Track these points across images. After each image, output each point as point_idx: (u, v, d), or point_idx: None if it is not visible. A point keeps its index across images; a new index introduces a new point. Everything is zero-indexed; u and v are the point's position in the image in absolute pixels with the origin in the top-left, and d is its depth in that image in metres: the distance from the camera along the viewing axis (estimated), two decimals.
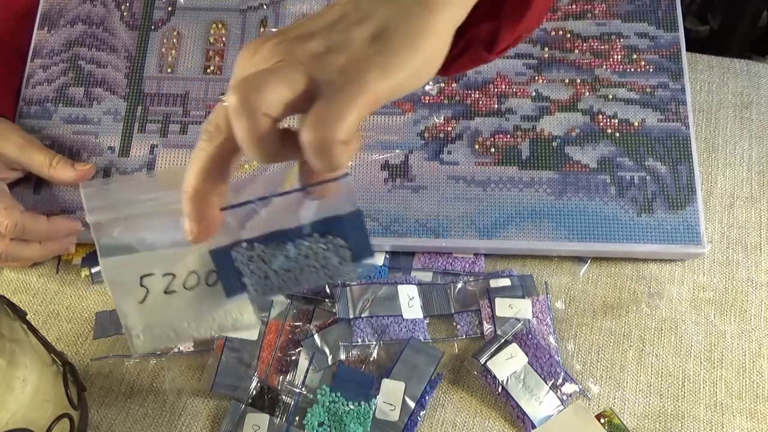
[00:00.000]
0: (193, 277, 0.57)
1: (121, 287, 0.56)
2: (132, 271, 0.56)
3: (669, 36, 0.87)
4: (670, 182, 0.80)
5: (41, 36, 0.91)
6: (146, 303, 0.56)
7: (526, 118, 0.84)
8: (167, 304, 0.57)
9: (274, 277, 0.54)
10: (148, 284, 0.56)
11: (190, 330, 0.58)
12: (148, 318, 0.57)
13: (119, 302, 0.56)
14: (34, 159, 0.80)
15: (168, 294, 0.57)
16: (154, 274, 0.56)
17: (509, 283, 0.79)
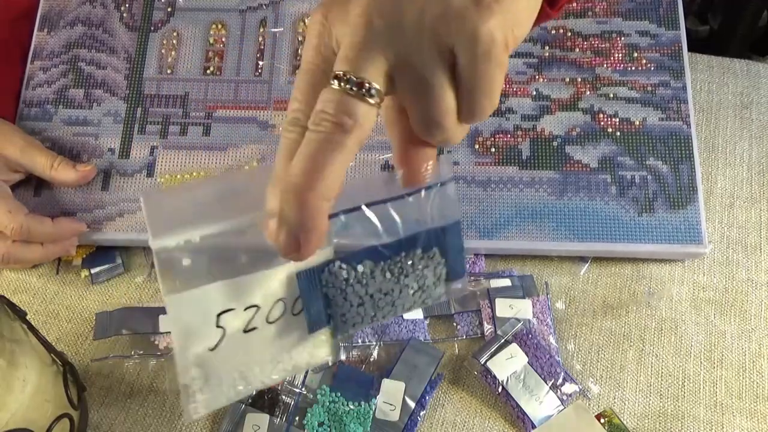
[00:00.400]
0: (278, 306, 0.46)
1: (190, 332, 0.44)
2: (207, 308, 0.44)
3: (670, 34, 0.86)
4: (672, 181, 0.80)
5: (41, 38, 0.91)
6: (219, 349, 0.45)
7: (527, 118, 0.84)
8: (244, 345, 0.46)
9: (369, 304, 0.47)
10: (225, 323, 0.45)
11: (262, 376, 0.48)
12: (213, 368, 0.46)
13: (184, 352, 0.45)
14: (35, 161, 0.80)
15: (247, 333, 0.46)
16: (234, 309, 0.45)
17: (509, 283, 0.79)
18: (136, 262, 0.84)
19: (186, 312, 0.44)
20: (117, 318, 0.77)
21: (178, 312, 0.44)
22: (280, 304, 0.46)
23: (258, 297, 0.45)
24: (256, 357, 0.47)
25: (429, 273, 0.48)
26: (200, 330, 0.44)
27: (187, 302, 0.44)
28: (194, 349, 0.44)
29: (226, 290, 0.44)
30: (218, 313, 0.44)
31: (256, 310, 0.45)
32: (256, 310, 0.45)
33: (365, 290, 0.46)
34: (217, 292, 0.44)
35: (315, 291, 0.46)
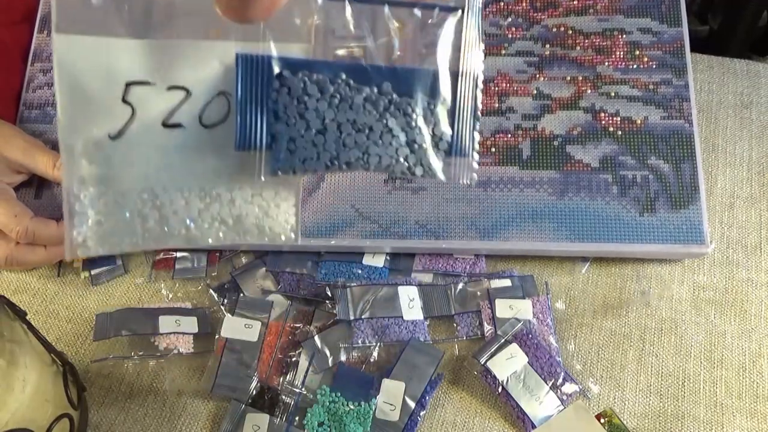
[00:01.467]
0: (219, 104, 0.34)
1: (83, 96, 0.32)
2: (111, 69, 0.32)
3: (672, 31, 0.86)
4: (673, 181, 0.80)
5: (41, 39, 0.91)
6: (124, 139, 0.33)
7: (527, 117, 0.84)
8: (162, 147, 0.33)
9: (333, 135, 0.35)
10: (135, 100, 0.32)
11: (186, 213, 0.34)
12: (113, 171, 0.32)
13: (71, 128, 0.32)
14: (38, 160, 0.80)
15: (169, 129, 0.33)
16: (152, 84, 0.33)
17: (509, 283, 0.79)
18: (136, 263, 0.84)
19: (83, 64, 0.31)
20: (117, 319, 0.77)
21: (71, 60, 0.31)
22: (223, 102, 0.34)
23: (189, 77, 0.33)
24: (177, 174, 0.33)
25: (425, 127, 0.37)
26: (98, 98, 0.32)
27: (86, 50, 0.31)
28: (87, 128, 0.32)
29: (144, 53, 0.32)
30: (128, 82, 0.32)
31: (184, 95, 0.33)
32: (184, 96, 0.33)
33: (333, 112, 0.35)
34: (131, 51, 0.32)
35: (258, 90, 0.33)
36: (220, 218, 0.35)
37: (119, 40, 0.32)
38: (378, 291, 0.78)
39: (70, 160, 0.32)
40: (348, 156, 0.35)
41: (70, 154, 0.31)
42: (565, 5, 0.88)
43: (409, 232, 0.80)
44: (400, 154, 0.36)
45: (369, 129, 0.35)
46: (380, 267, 0.81)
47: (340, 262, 0.81)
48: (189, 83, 0.33)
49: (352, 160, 0.36)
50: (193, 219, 0.34)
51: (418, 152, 0.37)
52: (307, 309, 0.79)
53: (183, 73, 0.32)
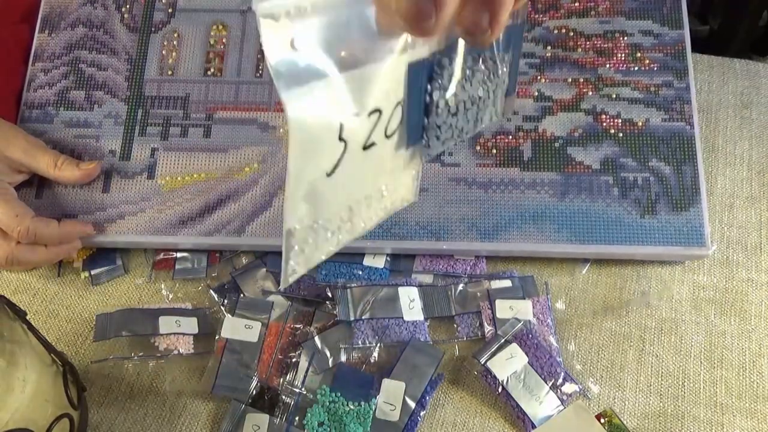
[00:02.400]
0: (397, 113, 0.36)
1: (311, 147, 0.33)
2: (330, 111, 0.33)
3: (674, 33, 0.86)
4: (674, 183, 0.80)
5: (42, 39, 0.91)
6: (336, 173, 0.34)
7: (528, 119, 0.84)
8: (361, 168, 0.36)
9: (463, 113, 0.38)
10: (349, 135, 0.34)
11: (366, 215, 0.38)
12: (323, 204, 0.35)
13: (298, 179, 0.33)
14: (39, 160, 0.80)
15: (367, 150, 0.35)
16: (359, 115, 0.34)
17: (510, 284, 0.79)
18: (136, 264, 0.84)
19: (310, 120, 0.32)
20: (117, 320, 0.77)
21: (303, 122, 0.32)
22: (398, 111, 0.36)
23: (379, 98, 0.35)
24: (368, 185, 0.37)
25: (502, 81, 0.40)
26: (321, 145, 0.33)
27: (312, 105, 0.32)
28: (310, 175, 0.33)
29: (350, 85, 0.33)
30: (342, 119, 0.34)
31: (378, 116, 0.35)
32: (378, 117, 0.35)
33: (467, 94, 0.38)
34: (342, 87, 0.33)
35: (420, 91, 0.36)
36: (383, 207, 0.40)
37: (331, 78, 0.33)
38: (378, 292, 0.78)
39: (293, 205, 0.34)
40: (468, 129, 0.40)
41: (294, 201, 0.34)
42: (566, 7, 0.88)
43: (410, 233, 0.80)
44: (486, 109, 0.41)
45: (480, 100, 0.40)
46: (381, 268, 0.81)
47: (340, 262, 0.81)
48: (379, 103, 0.35)
49: (470, 131, 0.40)
50: (370, 217, 0.39)
51: (495, 102, 0.41)
52: (308, 310, 0.79)
53: (375, 95, 0.35)
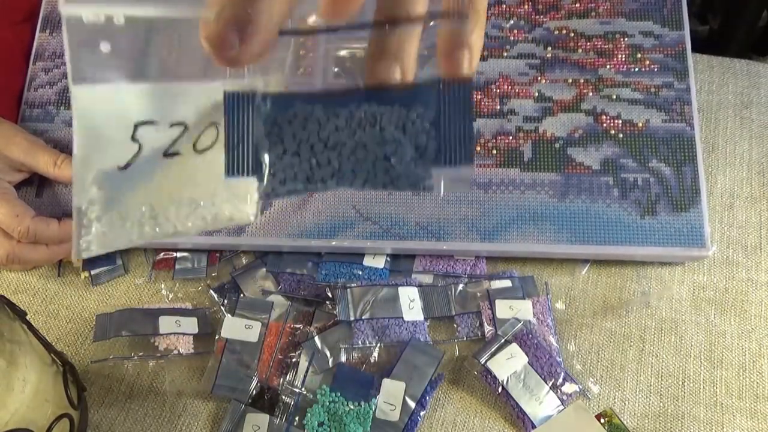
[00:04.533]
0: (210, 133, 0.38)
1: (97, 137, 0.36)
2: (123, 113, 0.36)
3: (674, 34, 0.86)
4: (674, 184, 0.80)
5: (43, 39, 0.91)
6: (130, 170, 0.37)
7: (529, 119, 0.84)
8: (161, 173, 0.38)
9: (306, 155, 0.37)
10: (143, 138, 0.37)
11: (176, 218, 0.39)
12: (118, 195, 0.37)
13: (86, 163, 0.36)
14: (39, 159, 0.80)
15: (168, 157, 0.38)
16: (157, 123, 0.37)
17: (510, 284, 0.79)
18: (136, 264, 0.84)
19: (97, 109, 0.35)
20: (117, 320, 0.77)
21: (87, 107, 0.35)
22: (212, 131, 0.38)
23: (187, 113, 0.37)
24: (173, 192, 0.39)
25: (404, 139, 0.37)
26: (111, 138, 0.36)
27: (99, 97, 0.35)
28: (99, 163, 0.36)
29: (150, 96, 0.36)
30: (136, 123, 0.36)
31: (182, 130, 0.37)
32: (182, 131, 0.37)
33: (306, 135, 0.37)
34: (138, 95, 0.36)
35: (244, 121, 0.36)
36: (202, 217, 0.41)
37: (127, 85, 0.36)
38: (378, 292, 0.78)
39: (81, 187, 0.36)
40: (321, 174, 0.37)
41: (82, 183, 0.36)
42: (567, 8, 0.88)
43: (410, 233, 0.80)
44: (377, 168, 0.37)
45: (342, 146, 0.37)
46: (381, 268, 0.81)
47: (340, 263, 0.81)
48: (187, 118, 0.37)
49: (327, 178, 0.38)
50: (182, 221, 0.40)
51: (399, 165, 0.37)
52: (308, 310, 0.79)
53: (182, 110, 0.37)
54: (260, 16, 0.34)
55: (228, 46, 0.34)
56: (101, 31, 0.34)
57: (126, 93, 0.36)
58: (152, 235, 0.39)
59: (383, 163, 0.37)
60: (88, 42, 0.34)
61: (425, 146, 0.37)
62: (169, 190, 0.38)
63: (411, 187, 0.38)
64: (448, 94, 0.37)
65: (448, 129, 0.37)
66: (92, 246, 0.37)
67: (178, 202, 0.39)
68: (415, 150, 0.37)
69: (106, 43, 0.35)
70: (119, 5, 0.35)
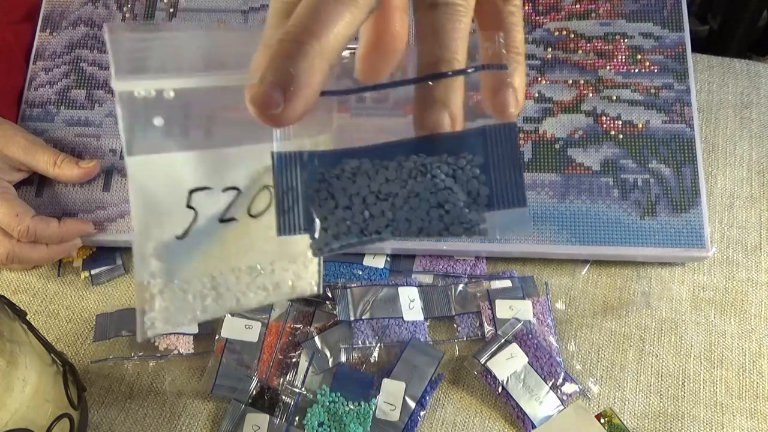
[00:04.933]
0: (264, 196, 0.39)
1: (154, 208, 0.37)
2: (177, 181, 0.36)
3: (674, 36, 0.86)
4: (674, 185, 0.80)
5: (43, 38, 0.91)
6: (188, 238, 0.37)
7: (529, 120, 0.84)
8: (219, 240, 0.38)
9: (359, 207, 0.37)
10: (198, 204, 0.37)
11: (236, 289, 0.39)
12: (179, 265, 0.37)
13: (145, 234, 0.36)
14: (39, 159, 0.80)
15: (224, 223, 0.38)
16: (211, 189, 0.37)
17: (510, 284, 0.79)
18: None
19: (152, 180, 0.36)
20: (117, 319, 0.77)
21: (142, 179, 0.36)
22: (265, 195, 0.39)
23: (239, 178, 0.38)
24: (232, 260, 0.39)
25: (456, 187, 0.37)
26: (166, 207, 0.36)
27: (154, 168, 0.36)
28: (158, 234, 0.36)
29: (201, 163, 0.37)
30: (190, 189, 0.37)
31: (236, 194, 0.38)
32: (236, 195, 0.38)
33: (357, 188, 0.37)
34: (191, 163, 0.37)
35: (293, 180, 0.37)
36: (264, 286, 0.41)
37: (180, 154, 0.36)
38: (378, 292, 0.78)
39: (141, 260, 0.37)
40: (376, 225, 0.37)
41: (142, 256, 0.36)
42: (567, 9, 0.88)
43: None
44: (432, 215, 0.37)
45: (394, 196, 0.38)
46: (381, 268, 0.81)
47: (340, 263, 0.81)
48: (239, 183, 0.38)
49: (381, 229, 0.38)
50: (243, 292, 0.40)
51: (453, 211, 0.37)
52: (308, 310, 0.79)
53: (234, 175, 0.38)
54: (302, 75, 0.35)
55: (273, 105, 0.35)
56: (153, 105, 0.35)
57: (179, 161, 0.36)
58: (214, 309, 0.39)
59: (437, 210, 0.37)
60: (140, 116, 0.35)
61: (477, 191, 0.37)
62: (227, 257, 0.38)
63: (466, 232, 0.38)
64: (495, 138, 0.37)
65: (498, 173, 0.37)
66: (156, 323, 0.37)
67: (238, 270, 0.39)
68: (467, 195, 0.37)
69: (159, 118, 0.35)
70: (169, 79, 0.36)
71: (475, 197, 0.37)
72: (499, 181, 0.37)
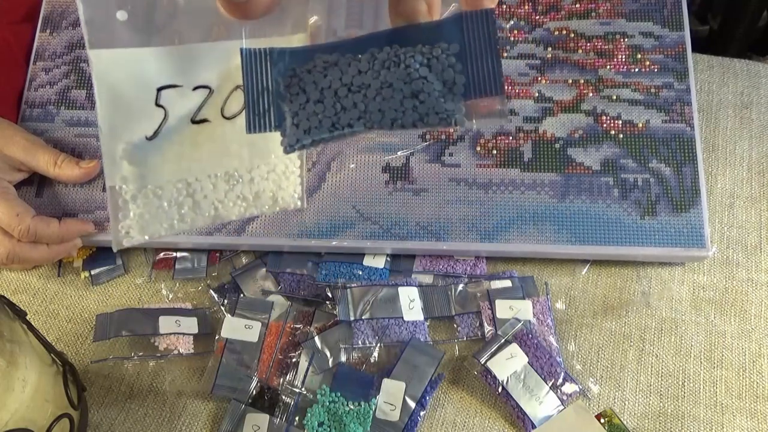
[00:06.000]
0: (237, 97, 0.38)
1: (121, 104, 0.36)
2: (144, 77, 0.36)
3: (674, 35, 0.86)
4: (674, 184, 0.80)
5: (43, 39, 0.91)
6: (159, 138, 0.37)
7: (529, 120, 0.84)
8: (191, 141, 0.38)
9: (330, 101, 0.36)
10: (168, 102, 0.37)
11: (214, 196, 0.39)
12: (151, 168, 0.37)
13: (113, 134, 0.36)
14: (39, 159, 0.80)
15: (197, 124, 0.38)
16: (181, 86, 0.37)
17: (510, 284, 0.79)
18: (136, 264, 0.84)
19: (118, 76, 0.35)
20: (117, 319, 0.77)
21: (107, 74, 0.35)
22: (239, 94, 0.38)
23: (211, 77, 0.37)
24: (206, 164, 0.38)
25: (430, 75, 0.36)
26: (134, 106, 0.36)
27: (119, 63, 0.35)
28: (127, 135, 0.36)
29: (170, 59, 0.36)
30: (159, 87, 0.36)
31: (208, 92, 0.38)
32: (208, 93, 0.38)
33: (328, 82, 0.36)
34: (158, 59, 0.36)
35: (263, 77, 0.36)
36: (242, 196, 0.40)
37: (146, 49, 0.36)
38: (378, 292, 0.78)
39: (112, 162, 0.36)
40: (348, 118, 0.36)
41: (112, 158, 0.36)
42: (567, 9, 0.88)
43: (410, 233, 0.80)
44: (406, 106, 0.36)
45: (366, 87, 0.36)
46: (381, 268, 0.81)
47: (340, 263, 0.81)
48: (211, 82, 0.37)
49: (353, 121, 0.36)
50: (221, 200, 0.40)
51: (428, 101, 0.36)
52: (308, 310, 0.79)
53: (205, 73, 0.37)
54: None
55: None
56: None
57: (145, 57, 0.36)
58: (192, 218, 0.39)
59: (411, 100, 0.36)
60: (102, 9, 0.35)
61: (453, 80, 0.36)
62: (201, 162, 0.38)
63: (442, 122, 0.38)
64: (471, 27, 0.36)
65: (474, 61, 0.36)
66: (132, 231, 0.37)
67: (215, 177, 0.39)
68: (443, 85, 0.36)
69: (123, 12, 0.35)
70: None
71: (450, 86, 0.36)
72: (476, 69, 0.36)
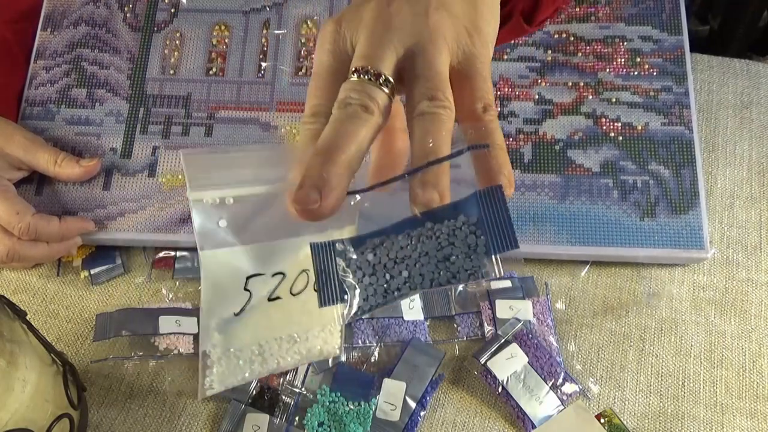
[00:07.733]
0: (302, 278, 0.49)
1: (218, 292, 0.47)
2: (237, 270, 0.47)
3: (673, 39, 0.87)
4: (674, 186, 0.80)
5: (44, 37, 0.91)
6: (243, 314, 0.48)
7: (529, 122, 0.84)
8: (267, 315, 0.48)
9: (381, 272, 0.46)
10: (253, 288, 0.47)
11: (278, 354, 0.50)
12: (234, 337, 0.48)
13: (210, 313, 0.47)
14: (39, 158, 0.80)
15: (272, 302, 0.48)
16: (263, 275, 0.48)
17: (510, 284, 0.79)
18: (136, 263, 0.84)
19: (218, 270, 0.46)
20: (117, 319, 0.77)
21: (211, 268, 0.46)
22: (304, 276, 0.48)
23: (285, 265, 0.48)
24: (276, 330, 0.49)
25: (455, 241, 0.45)
26: (228, 291, 0.47)
27: (220, 260, 0.46)
28: (220, 312, 0.46)
29: (256, 254, 0.47)
30: (248, 276, 0.47)
31: (281, 278, 0.48)
32: (281, 278, 0.48)
33: (377, 259, 0.46)
34: (248, 254, 0.47)
35: (329, 263, 0.45)
36: (299, 351, 0.52)
37: (239, 248, 0.47)
38: None
39: (206, 332, 0.47)
40: (396, 284, 0.45)
41: (206, 329, 0.47)
42: (567, 12, 0.88)
43: None
44: (440, 268, 0.45)
45: (408, 258, 0.45)
46: None
47: None
48: (285, 269, 0.48)
49: (401, 285, 0.45)
50: (282, 356, 0.51)
51: (457, 262, 0.45)
52: None
53: (281, 263, 0.47)
54: (332, 178, 0.45)
55: (311, 202, 0.44)
56: (218, 209, 0.46)
57: (239, 253, 0.47)
58: (259, 372, 0.51)
59: (444, 263, 0.45)
60: (208, 218, 0.46)
61: (475, 244, 0.45)
62: (272, 329, 0.48)
63: (471, 277, 0.46)
64: (485, 200, 0.46)
65: (490, 226, 0.45)
66: (214, 385, 0.48)
67: (280, 339, 0.50)
68: (467, 248, 0.45)
69: (223, 220, 0.46)
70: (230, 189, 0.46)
71: (474, 249, 0.45)
72: (493, 233, 0.45)
